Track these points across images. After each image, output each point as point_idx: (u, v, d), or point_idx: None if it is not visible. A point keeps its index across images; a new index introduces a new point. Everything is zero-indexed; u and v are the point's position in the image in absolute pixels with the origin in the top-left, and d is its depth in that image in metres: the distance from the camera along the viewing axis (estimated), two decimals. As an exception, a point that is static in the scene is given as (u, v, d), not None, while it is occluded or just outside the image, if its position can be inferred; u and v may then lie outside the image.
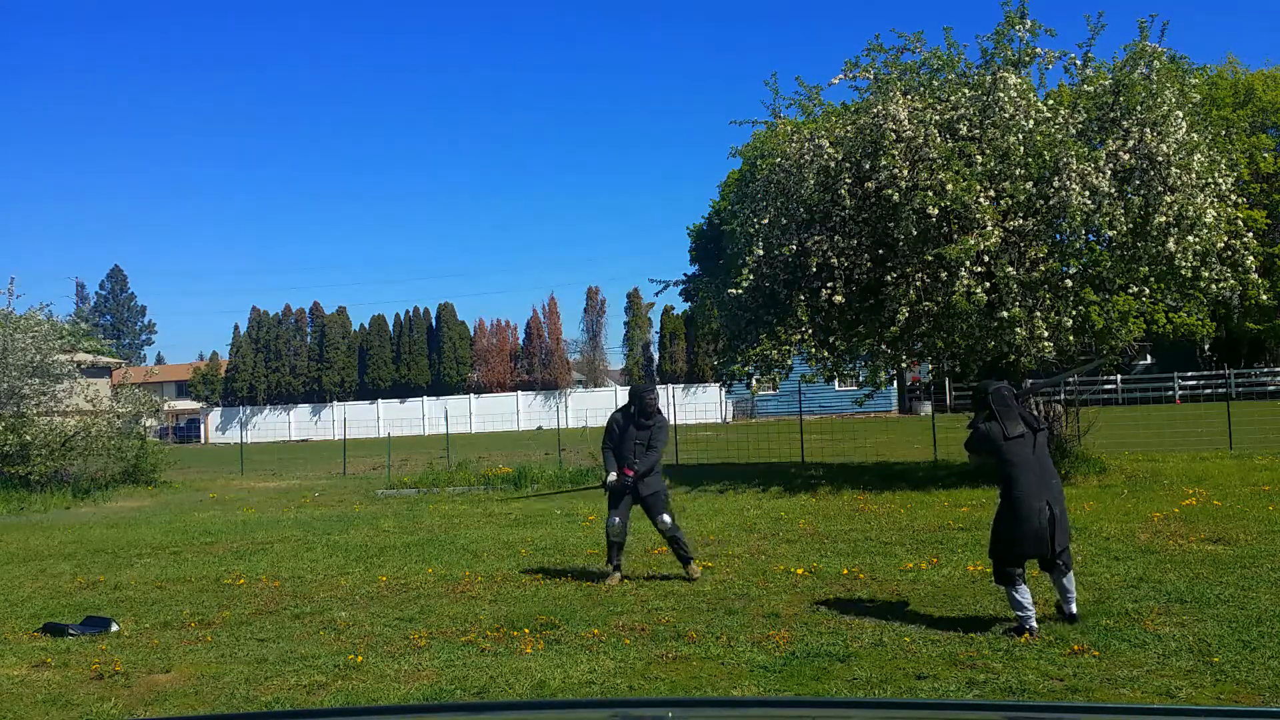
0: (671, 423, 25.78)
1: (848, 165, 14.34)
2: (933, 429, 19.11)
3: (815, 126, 15.19)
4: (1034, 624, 6.39)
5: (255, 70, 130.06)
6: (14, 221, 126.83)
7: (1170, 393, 40.00)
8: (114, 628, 7.70)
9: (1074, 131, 13.88)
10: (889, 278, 14.03)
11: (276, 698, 5.87)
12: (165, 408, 27.95)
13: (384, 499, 17.76)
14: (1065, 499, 6.84)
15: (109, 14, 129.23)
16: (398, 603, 8.32)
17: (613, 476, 8.71)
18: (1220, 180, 14.18)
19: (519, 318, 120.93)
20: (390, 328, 70.50)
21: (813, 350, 15.00)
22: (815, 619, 7.10)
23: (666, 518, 8.66)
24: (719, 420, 47.53)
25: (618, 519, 8.76)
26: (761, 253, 14.70)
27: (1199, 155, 13.81)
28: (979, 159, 13.48)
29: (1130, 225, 13.54)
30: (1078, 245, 14.50)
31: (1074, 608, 6.67)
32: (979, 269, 13.39)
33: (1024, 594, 6.43)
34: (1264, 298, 15.13)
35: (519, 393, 63.36)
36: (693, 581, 8.55)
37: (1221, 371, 36.04)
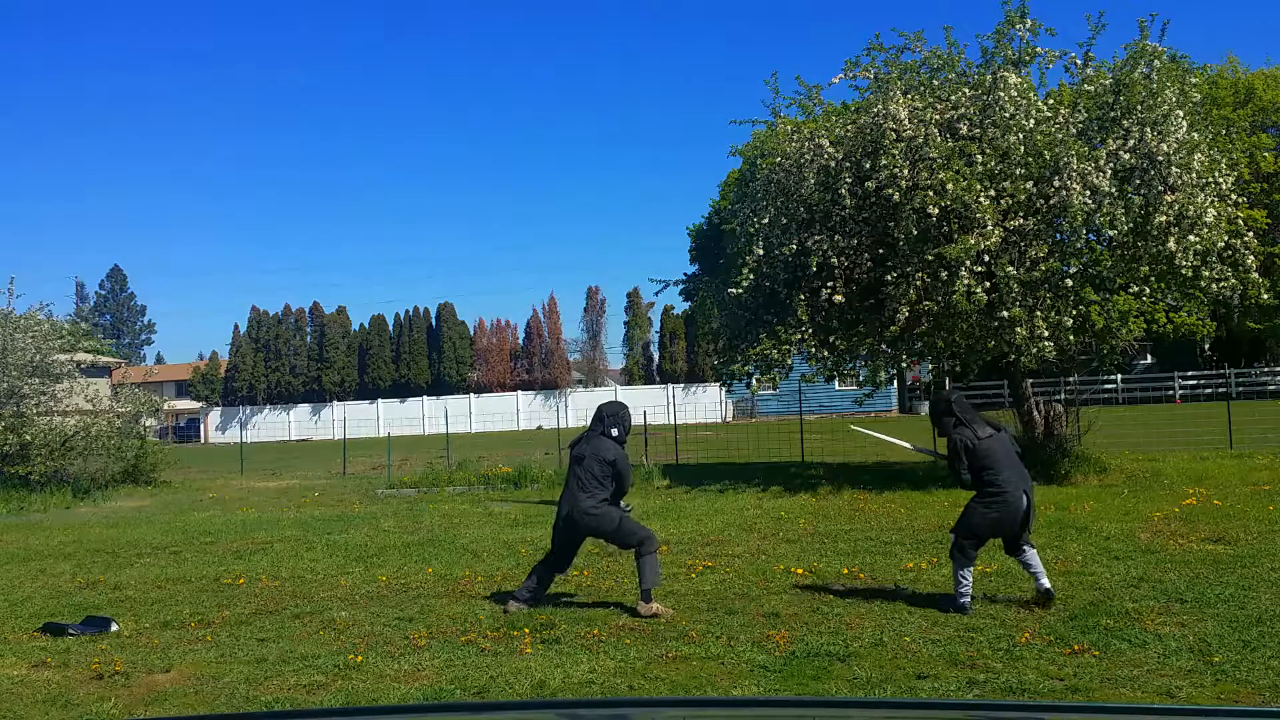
0: (672, 422, 25.88)
1: (848, 165, 14.32)
2: (933, 429, 19.06)
3: (815, 126, 15.18)
4: (969, 602, 7.09)
5: (255, 69, 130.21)
6: (14, 221, 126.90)
7: (1170, 392, 40.00)
8: (114, 628, 7.69)
9: (1074, 131, 13.87)
10: (889, 277, 14.02)
11: (276, 698, 5.86)
12: (165, 407, 27.89)
13: (384, 499, 17.75)
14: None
15: (109, 13, 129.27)
16: (398, 603, 8.31)
17: None
18: (1221, 180, 14.18)
19: (519, 318, 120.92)
20: (390, 327, 70.43)
21: (813, 350, 15.00)
22: (815, 619, 7.10)
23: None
24: (719, 420, 47.54)
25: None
26: (761, 252, 14.69)
27: (1199, 155, 13.81)
28: (979, 158, 13.47)
29: (1131, 225, 13.53)
30: (1078, 245, 14.48)
31: (1046, 581, 7.16)
32: (979, 269, 13.38)
33: (970, 575, 7.18)
34: (1264, 297, 15.13)
35: (519, 392, 63.32)
36: None
37: (1222, 371, 36.01)
